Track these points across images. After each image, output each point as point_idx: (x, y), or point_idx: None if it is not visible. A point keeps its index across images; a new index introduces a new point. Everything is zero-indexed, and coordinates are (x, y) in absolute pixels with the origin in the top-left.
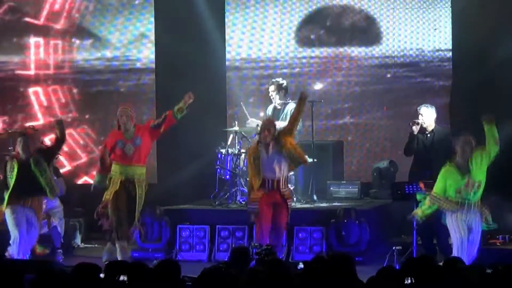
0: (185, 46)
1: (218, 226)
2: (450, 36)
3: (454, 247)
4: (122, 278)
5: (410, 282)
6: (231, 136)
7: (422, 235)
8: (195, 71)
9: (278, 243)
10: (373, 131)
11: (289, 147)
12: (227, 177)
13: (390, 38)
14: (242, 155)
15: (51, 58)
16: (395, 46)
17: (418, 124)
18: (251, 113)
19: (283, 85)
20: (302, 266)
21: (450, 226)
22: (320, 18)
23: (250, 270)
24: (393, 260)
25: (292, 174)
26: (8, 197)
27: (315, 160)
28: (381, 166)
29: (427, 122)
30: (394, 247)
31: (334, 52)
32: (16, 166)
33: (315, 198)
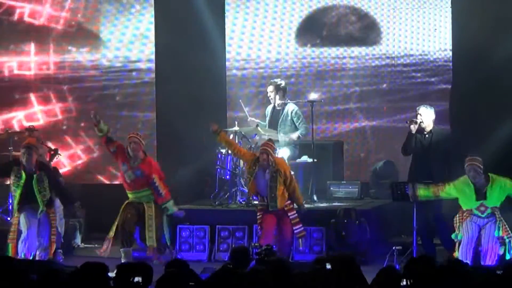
0: (185, 46)
1: (218, 226)
2: (450, 36)
3: (461, 245)
4: (137, 279)
5: (410, 282)
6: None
7: (422, 235)
8: (195, 71)
9: (284, 253)
10: (373, 131)
11: (286, 184)
12: (227, 177)
13: (390, 39)
14: None
15: (51, 58)
16: (395, 47)
17: (416, 123)
18: (251, 113)
19: (281, 85)
20: (329, 267)
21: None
22: (320, 18)
23: (252, 270)
24: (393, 260)
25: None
26: (17, 204)
27: (315, 160)
28: (377, 166)
29: (426, 122)
30: (394, 247)
31: (334, 52)
32: (24, 176)
33: (315, 198)
